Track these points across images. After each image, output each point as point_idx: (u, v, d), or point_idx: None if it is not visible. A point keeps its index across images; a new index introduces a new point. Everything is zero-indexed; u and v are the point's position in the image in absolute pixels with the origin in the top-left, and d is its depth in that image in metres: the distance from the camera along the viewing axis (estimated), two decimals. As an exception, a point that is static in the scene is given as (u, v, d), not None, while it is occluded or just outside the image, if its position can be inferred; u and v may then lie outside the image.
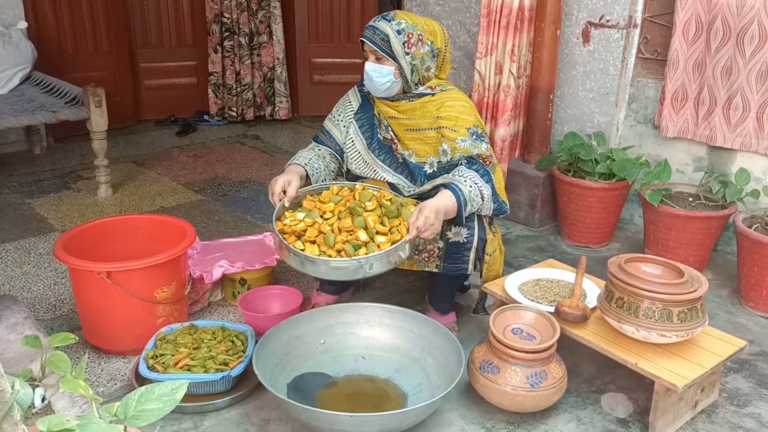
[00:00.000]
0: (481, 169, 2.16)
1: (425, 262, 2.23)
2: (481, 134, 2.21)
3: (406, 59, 2.17)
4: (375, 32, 2.17)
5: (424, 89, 2.24)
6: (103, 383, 2.11)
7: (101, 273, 2.08)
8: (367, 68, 2.20)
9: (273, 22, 5.19)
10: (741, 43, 2.79)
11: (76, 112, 3.48)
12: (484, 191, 2.12)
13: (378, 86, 2.21)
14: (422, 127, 2.25)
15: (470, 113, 2.23)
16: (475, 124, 2.22)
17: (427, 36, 2.19)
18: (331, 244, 1.94)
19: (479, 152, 2.17)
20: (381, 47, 2.16)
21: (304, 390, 2.01)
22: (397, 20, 2.17)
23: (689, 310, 1.86)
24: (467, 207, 2.06)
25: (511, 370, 1.89)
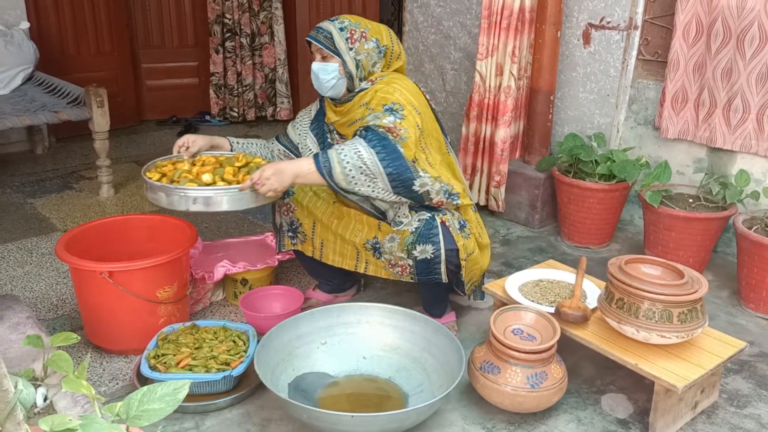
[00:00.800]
0: (370, 135, 2.07)
1: (399, 275, 2.25)
2: (397, 110, 2.12)
3: (350, 54, 2.20)
4: (319, 31, 2.22)
5: (365, 84, 2.25)
6: (104, 383, 2.12)
7: (103, 273, 2.09)
8: (313, 67, 2.25)
9: (274, 22, 5.21)
10: (741, 45, 2.79)
11: (78, 113, 3.49)
12: (363, 154, 2.02)
13: (324, 84, 2.24)
14: (356, 118, 2.26)
15: (394, 92, 2.16)
16: (394, 101, 2.13)
17: (371, 33, 2.22)
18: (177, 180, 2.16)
19: (377, 123, 2.09)
20: (325, 44, 2.19)
21: (305, 390, 2.02)
22: (341, 20, 2.23)
23: (689, 311, 1.86)
24: (337, 170, 2.02)
25: (511, 371, 1.90)
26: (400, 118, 2.12)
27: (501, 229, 3.39)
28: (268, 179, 2.05)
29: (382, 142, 2.05)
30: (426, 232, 2.16)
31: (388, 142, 2.06)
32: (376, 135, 2.07)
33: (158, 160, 2.29)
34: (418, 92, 2.26)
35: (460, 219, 2.28)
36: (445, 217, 2.22)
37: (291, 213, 2.41)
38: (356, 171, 2.03)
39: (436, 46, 4.10)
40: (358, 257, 2.33)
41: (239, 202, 2.10)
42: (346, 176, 2.03)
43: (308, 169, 2.05)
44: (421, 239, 2.15)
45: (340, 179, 2.03)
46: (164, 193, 2.10)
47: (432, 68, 4.17)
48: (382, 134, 2.07)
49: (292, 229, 2.43)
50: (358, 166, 2.03)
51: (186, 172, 2.18)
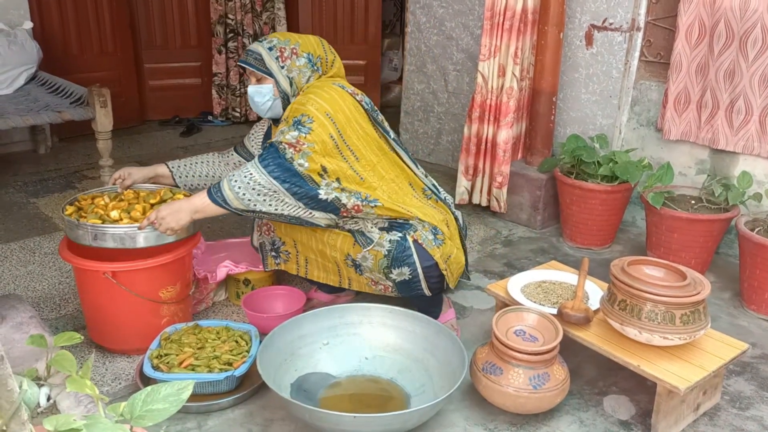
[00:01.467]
0: (266, 154, 2.07)
1: (383, 292, 2.27)
2: (304, 122, 2.10)
3: (282, 72, 2.21)
4: (249, 54, 2.23)
5: (294, 99, 2.24)
6: (107, 383, 2.12)
7: (106, 273, 2.09)
8: (249, 91, 2.26)
9: (277, 23, 5.21)
10: (744, 47, 2.79)
11: (81, 113, 3.49)
12: (255, 176, 2.04)
13: (261, 107, 2.25)
14: None
15: (306, 103, 2.13)
16: (305, 113, 2.11)
17: (302, 49, 2.23)
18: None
19: (280, 139, 2.08)
20: (256, 66, 2.21)
21: (308, 390, 2.02)
22: (269, 39, 2.24)
23: (692, 313, 1.86)
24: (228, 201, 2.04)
25: (513, 372, 1.90)
26: (307, 132, 2.09)
27: (503, 230, 3.39)
28: (164, 219, 2.09)
29: (276, 160, 2.06)
30: (399, 255, 2.15)
31: (282, 160, 2.05)
32: (273, 153, 2.07)
33: (80, 195, 2.33)
34: (340, 97, 2.17)
35: (431, 227, 2.22)
36: (416, 234, 2.18)
37: (272, 233, 2.40)
38: (250, 193, 2.05)
39: (439, 47, 4.10)
40: (340, 273, 2.32)
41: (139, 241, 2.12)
42: (242, 199, 2.05)
43: (203, 203, 2.09)
44: (396, 263, 2.15)
45: (236, 204, 2.06)
46: (69, 228, 2.16)
47: (434, 69, 4.17)
48: (280, 151, 2.07)
49: (274, 249, 2.42)
50: (252, 188, 2.05)
51: (101, 207, 2.23)
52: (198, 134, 5.07)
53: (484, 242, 3.25)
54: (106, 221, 2.14)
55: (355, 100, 2.22)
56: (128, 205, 2.23)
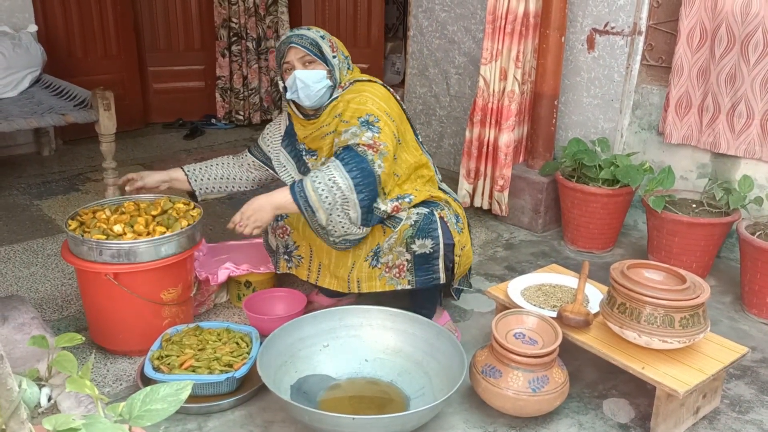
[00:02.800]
0: (348, 156, 2.08)
1: (397, 279, 2.23)
2: (373, 122, 2.13)
3: (334, 62, 2.23)
4: (303, 38, 2.20)
5: (336, 92, 2.26)
6: (108, 383, 2.14)
7: (108, 274, 2.11)
8: (300, 76, 2.18)
9: (281, 27, 5.23)
10: (745, 51, 2.80)
11: (84, 115, 3.51)
12: (338, 180, 2.04)
13: (314, 93, 2.21)
14: (329, 131, 2.27)
15: (367, 102, 2.17)
16: (369, 112, 2.15)
17: (338, 45, 2.28)
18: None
19: (357, 141, 2.10)
20: (313, 51, 2.19)
21: (308, 392, 2.03)
22: (313, 29, 2.24)
23: (691, 317, 1.87)
24: (311, 202, 2.05)
25: (513, 375, 1.90)
26: (378, 131, 2.12)
27: (504, 234, 3.39)
28: (249, 218, 2.11)
29: (360, 164, 2.06)
30: (425, 226, 2.16)
31: (365, 164, 2.07)
32: (353, 156, 2.08)
33: (81, 209, 2.33)
34: (389, 96, 2.26)
35: (454, 213, 2.31)
36: (442, 212, 2.23)
37: (287, 236, 2.39)
38: (326, 196, 2.05)
39: (441, 50, 4.11)
40: (350, 279, 2.30)
41: (145, 254, 2.13)
42: (322, 202, 2.06)
43: (285, 200, 2.10)
44: (421, 233, 2.15)
45: (317, 206, 2.06)
46: (74, 243, 2.16)
47: (436, 72, 4.18)
48: (361, 154, 2.08)
49: (287, 252, 2.41)
50: (333, 192, 2.05)
51: (103, 221, 2.22)
52: (201, 137, 5.09)
53: (485, 245, 3.25)
54: (110, 236, 2.14)
55: (396, 100, 2.30)
56: (130, 218, 2.23)
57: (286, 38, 2.23)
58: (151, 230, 2.19)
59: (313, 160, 2.36)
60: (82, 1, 4.66)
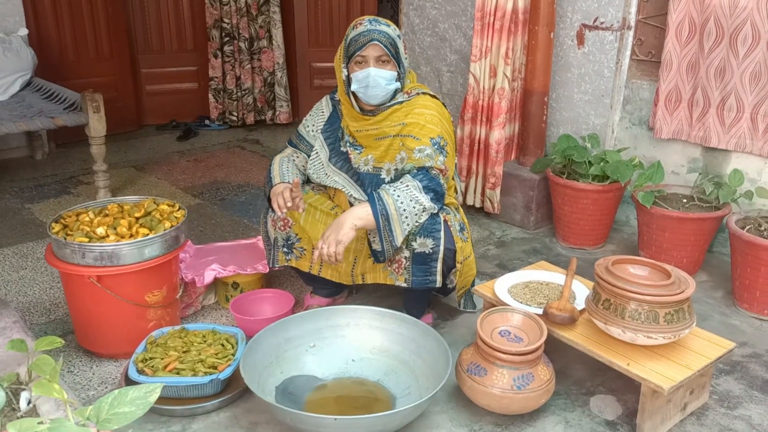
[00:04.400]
0: (426, 179, 2.11)
1: (396, 275, 2.23)
2: (444, 146, 2.16)
3: (405, 63, 2.20)
4: (384, 35, 2.11)
5: (401, 95, 2.23)
6: (94, 387, 2.13)
7: (92, 277, 2.10)
8: (374, 73, 2.12)
9: (273, 26, 5.22)
10: (734, 44, 2.78)
11: (74, 118, 3.51)
12: (422, 200, 2.08)
13: (383, 93, 2.17)
14: (389, 134, 2.23)
15: (438, 123, 2.18)
16: (440, 134, 2.17)
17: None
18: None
19: (432, 164, 2.12)
20: (391, 51, 2.13)
21: (293, 393, 2.02)
22: (393, 26, 2.16)
23: (676, 312, 1.85)
24: (391, 218, 2.05)
25: (497, 373, 1.89)
26: (446, 156, 2.16)
27: (496, 231, 3.38)
28: (328, 237, 2.03)
29: (435, 188, 2.11)
30: (428, 226, 2.14)
31: (440, 188, 2.12)
32: (432, 180, 2.11)
33: (65, 212, 2.31)
34: (448, 117, 2.28)
35: (460, 221, 2.29)
36: (447, 216, 2.22)
37: (288, 228, 2.34)
38: (408, 215, 2.07)
39: (432, 48, 4.10)
40: (353, 271, 2.31)
41: (128, 256, 2.11)
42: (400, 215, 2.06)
43: (367, 214, 2.06)
44: (423, 231, 2.14)
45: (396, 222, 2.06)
46: (57, 246, 2.14)
47: (428, 70, 4.17)
48: (435, 177, 2.12)
49: (287, 245, 2.36)
50: (413, 211, 2.07)
51: (86, 224, 2.21)
52: (195, 138, 5.08)
53: (477, 243, 3.24)
54: (93, 238, 2.14)
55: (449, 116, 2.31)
56: (113, 221, 2.23)
57: (366, 31, 2.11)
58: (134, 232, 2.18)
59: (356, 153, 2.30)
60: (74, 4, 4.66)
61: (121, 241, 2.13)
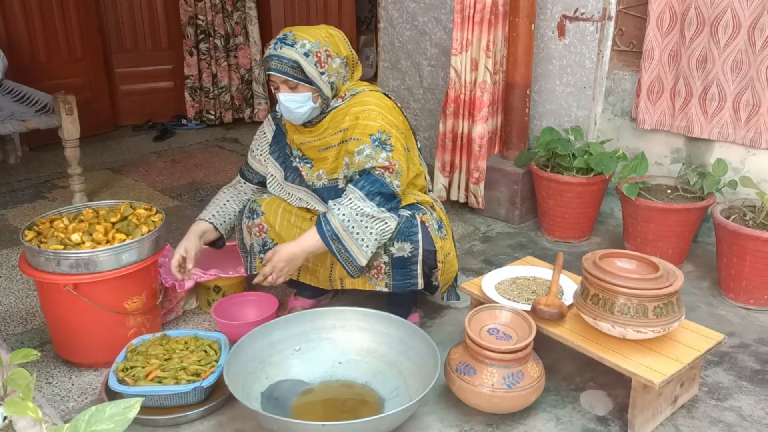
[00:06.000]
0: (367, 184, 2.04)
1: (375, 280, 2.19)
2: (385, 140, 2.07)
3: (323, 79, 2.07)
4: (282, 61, 2.03)
5: (335, 101, 2.14)
6: (73, 398, 2.07)
7: (68, 285, 2.03)
8: (282, 100, 2.07)
9: (249, 23, 5.14)
10: (715, 33, 2.77)
11: (46, 121, 3.42)
12: (368, 210, 2.02)
13: (299, 116, 2.11)
14: (331, 144, 2.16)
15: (377, 116, 2.09)
16: (380, 129, 2.07)
17: (332, 49, 2.09)
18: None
19: (373, 165, 2.05)
20: (294, 75, 2.03)
21: (279, 398, 1.97)
22: (300, 42, 2.03)
23: (665, 305, 1.83)
24: (342, 239, 2.02)
25: (487, 371, 1.86)
26: (391, 150, 2.07)
27: (481, 226, 3.35)
28: (282, 269, 2.05)
29: (381, 189, 2.04)
30: (405, 230, 2.11)
31: (386, 188, 2.05)
32: (372, 180, 2.04)
33: (38, 218, 2.24)
34: (393, 106, 2.19)
35: (437, 219, 2.25)
36: (424, 216, 2.18)
37: (263, 234, 2.28)
38: (358, 230, 2.02)
39: (412, 42, 4.05)
40: (331, 276, 2.27)
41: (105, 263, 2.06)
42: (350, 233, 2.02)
43: (316, 243, 2.05)
44: (400, 236, 2.10)
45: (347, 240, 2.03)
46: (31, 254, 2.08)
47: (408, 65, 4.13)
48: (379, 177, 2.05)
49: (264, 251, 2.30)
50: (361, 224, 2.02)
51: (61, 230, 2.15)
52: (172, 138, 5.00)
53: (462, 239, 3.21)
54: (68, 245, 2.07)
55: (399, 108, 2.23)
56: (89, 226, 2.16)
57: (267, 57, 2.06)
58: (111, 238, 2.12)
59: (307, 168, 2.25)
60: (44, 4, 4.55)
61: (98, 247, 2.07)
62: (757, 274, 2.47)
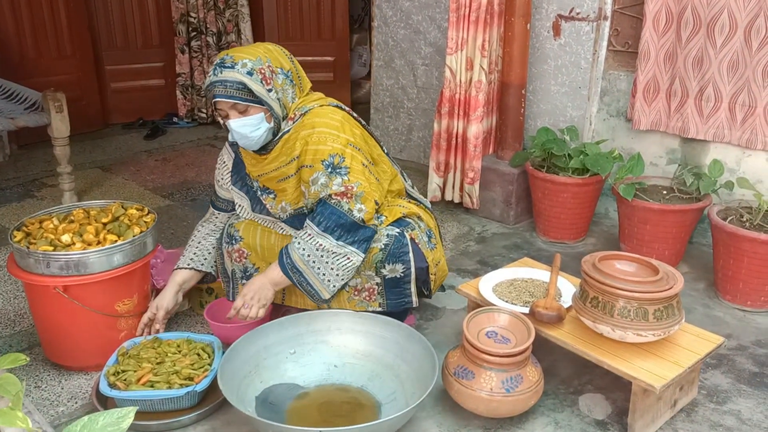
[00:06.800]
0: (323, 219, 1.99)
1: (368, 302, 2.14)
2: (339, 163, 1.98)
3: (271, 96, 1.97)
4: (226, 85, 1.91)
5: (285, 124, 2.04)
6: (63, 402, 2.02)
7: (57, 287, 1.99)
8: (235, 126, 1.95)
9: (241, 20, 5.09)
10: (711, 34, 2.76)
11: (35, 119, 3.37)
12: (327, 245, 1.98)
13: (255, 141, 1.99)
14: (289, 174, 2.07)
15: (327, 137, 1.99)
16: (331, 153, 1.98)
17: (274, 64, 2.00)
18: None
19: (328, 192, 1.98)
20: (241, 98, 1.92)
21: (274, 403, 1.94)
22: (241, 62, 1.92)
23: (665, 308, 1.81)
24: (304, 273, 2.01)
25: (486, 375, 1.83)
26: (346, 173, 1.98)
27: (476, 227, 3.33)
28: (252, 300, 2.03)
29: (339, 220, 1.98)
30: (396, 251, 2.07)
31: (344, 219, 1.98)
32: (328, 211, 1.98)
33: (27, 218, 2.19)
34: (345, 120, 2.07)
35: (426, 230, 2.22)
36: (414, 232, 2.14)
37: (244, 259, 2.21)
38: (318, 262, 2.01)
39: (406, 41, 4.02)
40: None
41: (96, 265, 2.02)
42: (311, 267, 2.01)
43: (280, 276, 2.04)
44: (391, 258, 2.07)
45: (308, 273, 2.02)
46: (20, 256, 2.03)
47: (402, 64, 4.09)
48: (336, 206, 1.98)
49: (246, 276, 2.22)
50: (320, 257, 2.00)
51: (51, 231, 2.10)
52: (163, 137, 4.94)
53: (457, 240, 3.18)
54: (57, 246, 2.02)
55: (352, 117, 2.15)
56: (79, 227, 2.11)
57: (209, 85, 1.94)
58: (102, 239, 2.07)
59: (270, 199, 2.17)
60: (33, 1, 4.47)
61: (88, 248, 2.02)
62: (754, 276, 2.46)
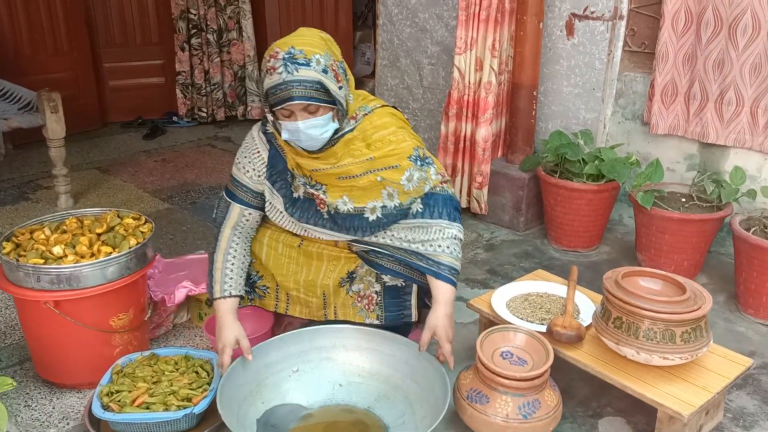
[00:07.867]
0: (443, 210, 1.96)
1: (366, 312, 2.06)
2: (424, 156, 1.94)
3: (341, 94, 1.82)
4: (306, 85, 1.73)
5: (346, 123, 1.88)
6: (54, 423, 1.92)
7: (48, 302, 1.89)
8: (303, 127, 1.77)
9: (242, 17, 4.98)
10: (733, 35, 2.64)
11: (30, 119, 3.26)
12: (458, 234, 1.97)
13: (321, 141, 1.84)
14: (355, 173, 1.91)
15: (403, 135, 1.92)
16: (414, 147, 1.92)
17: (336, 58, 1.83)
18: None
19: (431, 185, 1.95)
20: (320, 99, 1.75)
21: (276, 425, 1.84)
22: (313, 58, 1.74)
23: (693, 330, 1.71)
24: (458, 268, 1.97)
25: (501, 400, 1.73)
26: (432, 161, 1.98)
27: (484, 233, 3.22)
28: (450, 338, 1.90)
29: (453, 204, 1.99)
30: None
31: (456, 202, 2.01)
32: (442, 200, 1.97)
33: (17, 228, 2.09)
34: (401, 116, 2.02)
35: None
36: None
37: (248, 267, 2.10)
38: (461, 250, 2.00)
39: (412, 39, 3.91)
40: (325, 305, 2.11)
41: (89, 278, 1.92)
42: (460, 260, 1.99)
43: (452, 292, 1.94)
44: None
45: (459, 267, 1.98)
46: (9, 269, 1.93)
47: (408, 63, 3.98)
48: (446, 193, 1.99)
49: (249, 284, 2.11)
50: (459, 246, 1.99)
51: (42, 242, 1.99)
52: (162, 136, 4.83)
53: (464, 247, 3.06)
54: (49, 259, 1.92)
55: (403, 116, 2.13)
56: (72, 238, 2.00)
57: (282, 84, 1.72)
58: (96, 251, 1.96)
59: (320, 193, 1.97)
60: (29, -4, 4.37)
61: (81, 261, 1.92)
62: (779, 290, 2.35)
